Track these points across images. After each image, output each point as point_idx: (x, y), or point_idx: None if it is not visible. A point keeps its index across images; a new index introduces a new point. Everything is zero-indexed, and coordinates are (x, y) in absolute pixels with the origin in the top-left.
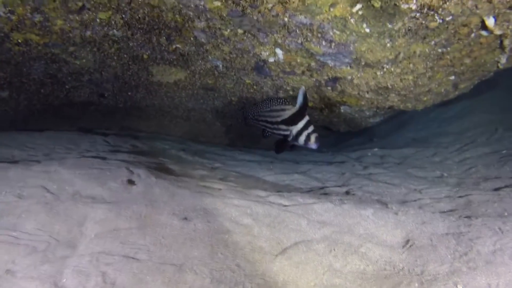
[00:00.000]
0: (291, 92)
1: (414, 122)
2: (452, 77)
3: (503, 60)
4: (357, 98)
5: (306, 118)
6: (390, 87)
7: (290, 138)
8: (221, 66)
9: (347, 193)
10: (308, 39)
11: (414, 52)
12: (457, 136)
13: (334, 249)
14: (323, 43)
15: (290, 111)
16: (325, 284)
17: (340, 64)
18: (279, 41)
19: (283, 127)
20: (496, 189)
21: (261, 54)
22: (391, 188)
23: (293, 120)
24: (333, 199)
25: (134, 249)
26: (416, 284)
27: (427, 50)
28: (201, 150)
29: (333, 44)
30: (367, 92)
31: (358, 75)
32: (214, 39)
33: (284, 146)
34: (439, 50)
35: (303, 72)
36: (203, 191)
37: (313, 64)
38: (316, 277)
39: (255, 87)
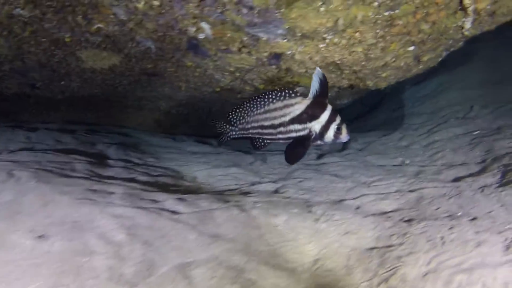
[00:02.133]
0: (237, 74)
1: (388, 102)
2: (411, 48)
3: (467, 25)
4: (308, 77)
5: (330, 108)
6: (339, 62)
7: (312, 138)
8: (153, 47)
9: (276, 192)
10: (227, 7)
11: (355, 17)
12: (430, 116)
13: (215, 276)
14: (244, 10)
15: (301, 104)
16: None
17: (275, 37)
18: (196, 12)
19: (297, 127)
20: (458, 179)
21: (187, 30)
22: (336, 182)
23: (311, 114)
24: (244, 203)
25: None
26: None
27: (370, 14)
28: (143, 143)
29: (255, 11)
30: None
31: (299, 50)
32: (134, 15)
33: (302, 151)
34: (386, 14)
35: (239, 50)
36: (88, 197)
37: (245, 38)
38: None
39: (198, 69)
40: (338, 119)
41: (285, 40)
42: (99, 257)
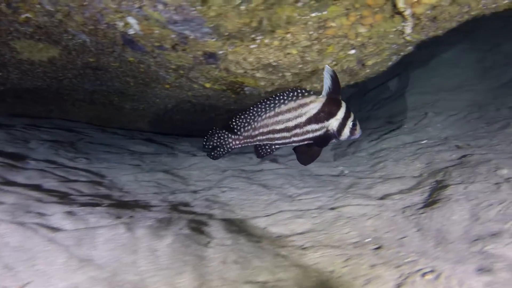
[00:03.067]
0: (180, 72)
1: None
2: (352, 51)
3: (407, 29)
4: (251, 78)
5: (344, 104)
6: (275, 64)
7: (333, 135)
8: (88, 40)
9: (187, 204)
10: (143, 3)
11: (280, 17)
12: (385, 120)
13: None
14: (159, 6)
15: (317, 102)
16: None
17: (202, 35)
18: (114, 6)
19: (314, 126)
20: (386, 196)
21: (116, 24)
22: (261, 194)
23: (329, 112)
24: (137, 219)
25: None
26: None
27: (295, 14)
28: (85, 140)
29: (171, 7)
30: (256, 71)
31: (229, 50)
32: (60, 6)
33: (318, 151)
34: (314, 15)
35: (173, 47)
36: None
37: (173, 36)
38: None
39: (142, 65)
40: (352, 115)
41: (214, 40)
42: None
